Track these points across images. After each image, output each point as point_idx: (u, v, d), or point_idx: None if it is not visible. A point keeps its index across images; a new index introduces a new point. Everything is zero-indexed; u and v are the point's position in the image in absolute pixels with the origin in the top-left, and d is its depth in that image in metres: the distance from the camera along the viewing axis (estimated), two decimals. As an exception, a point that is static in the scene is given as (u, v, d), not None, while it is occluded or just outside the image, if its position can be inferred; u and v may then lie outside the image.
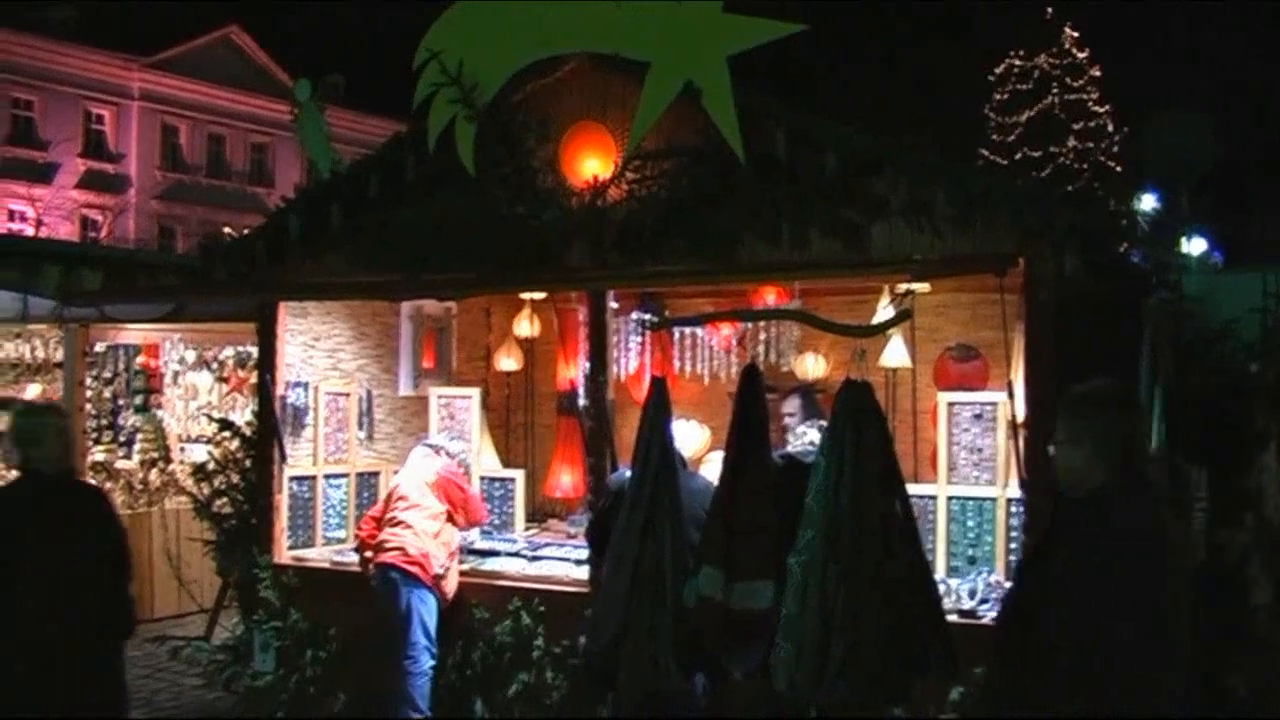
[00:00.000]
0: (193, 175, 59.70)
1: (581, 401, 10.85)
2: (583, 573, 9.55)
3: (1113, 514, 5.10)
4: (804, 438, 9.80)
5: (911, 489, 7.44)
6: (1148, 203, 12.59)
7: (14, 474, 7.47)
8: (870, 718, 7.21)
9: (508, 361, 12.69)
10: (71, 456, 7.79)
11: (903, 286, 10.19)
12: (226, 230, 35.92)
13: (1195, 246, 12.82)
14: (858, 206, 8.61)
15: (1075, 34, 49.92)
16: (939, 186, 8.42)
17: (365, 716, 10.19)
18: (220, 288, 11.34)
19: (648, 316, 11.56)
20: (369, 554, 10.09)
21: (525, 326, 12.39)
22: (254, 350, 12.49)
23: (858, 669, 6.98)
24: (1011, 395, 8.52)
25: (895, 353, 10.79)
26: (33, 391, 16.99)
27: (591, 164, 9.40)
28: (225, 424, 12.25)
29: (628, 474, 8.18)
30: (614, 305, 10.00)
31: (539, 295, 12.02)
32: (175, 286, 12.21)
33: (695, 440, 10.62)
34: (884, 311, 10.40)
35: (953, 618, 7.96)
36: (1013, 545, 9.37)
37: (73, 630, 7.07)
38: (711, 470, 10.30)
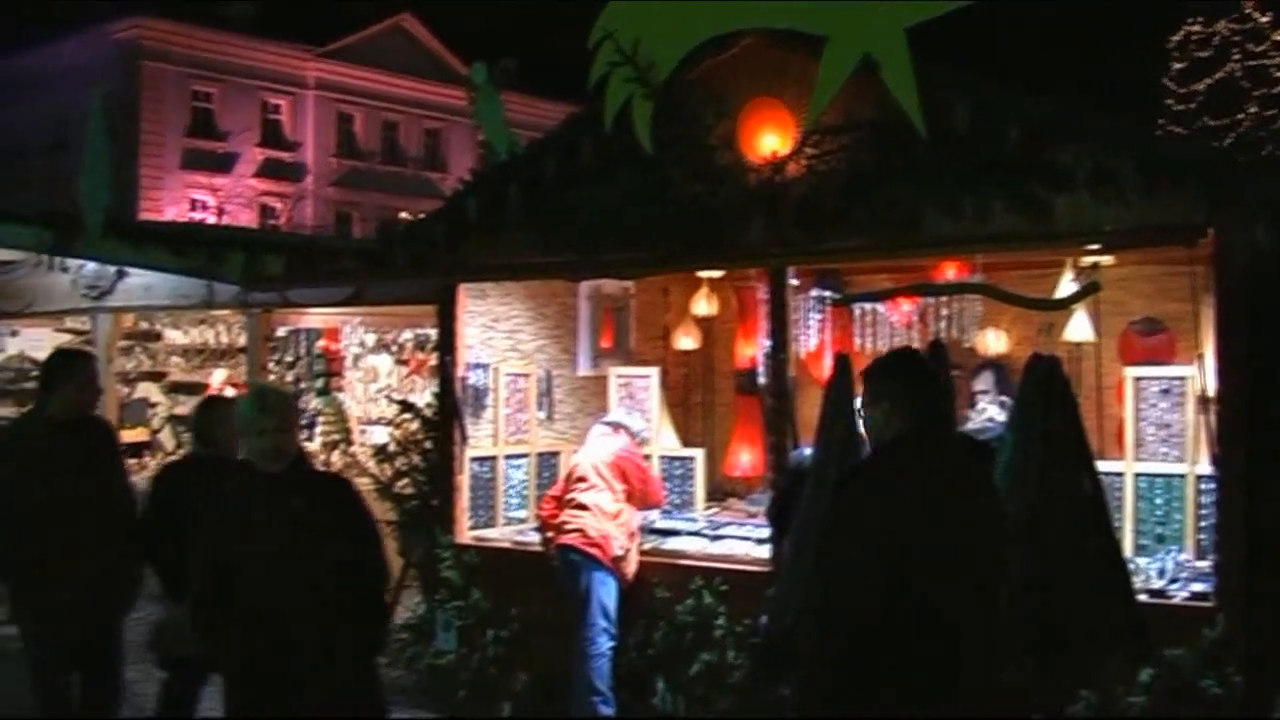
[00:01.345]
0: (368, 162, 60.39)
1: (761, 380, 10.79)
2: (764, 552, 9.49)
3: (893, 450, 5.71)
4: (983, 415, 9.69)
5: (1098, 466, 7.29)
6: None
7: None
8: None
9: (686, 340, 12.67)
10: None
11: (1088, 260, 10.00)
12: (402, 215, 36.35)
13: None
14: (1041, 178, 8.42)
15: (1255, -3, 48.72)
16: (1125, 156, 8.22)
17: (546, 697, 10.23)
18: (400, 271, 11.43)
19: (828, 293, 11.48)
20: (550, 534, 10.13)
21: (703, 305, 12.37)
22: (433, 333, 12.58)
23: (1046, 649, 6.88)
24: (1202, 369, 8.33)
25: (1079, 327, 10.61)
26: (218, 376, 17.33)
27: (769, 140, 9.32)
28: (406, 406, 12.36)
29: (808, 453, 8.12)
30: (794, 282, 9.93)
31: (717, 274, 11.99)
32: (356, 270, 12.31)
33: (876, 418, 10.50)
34: (1067, 285, 10.22)
35: (1142, 597, 7.80)
36: (1203, 523, 9.18)
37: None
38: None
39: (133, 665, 9.00)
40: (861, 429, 6.51)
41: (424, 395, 14.30)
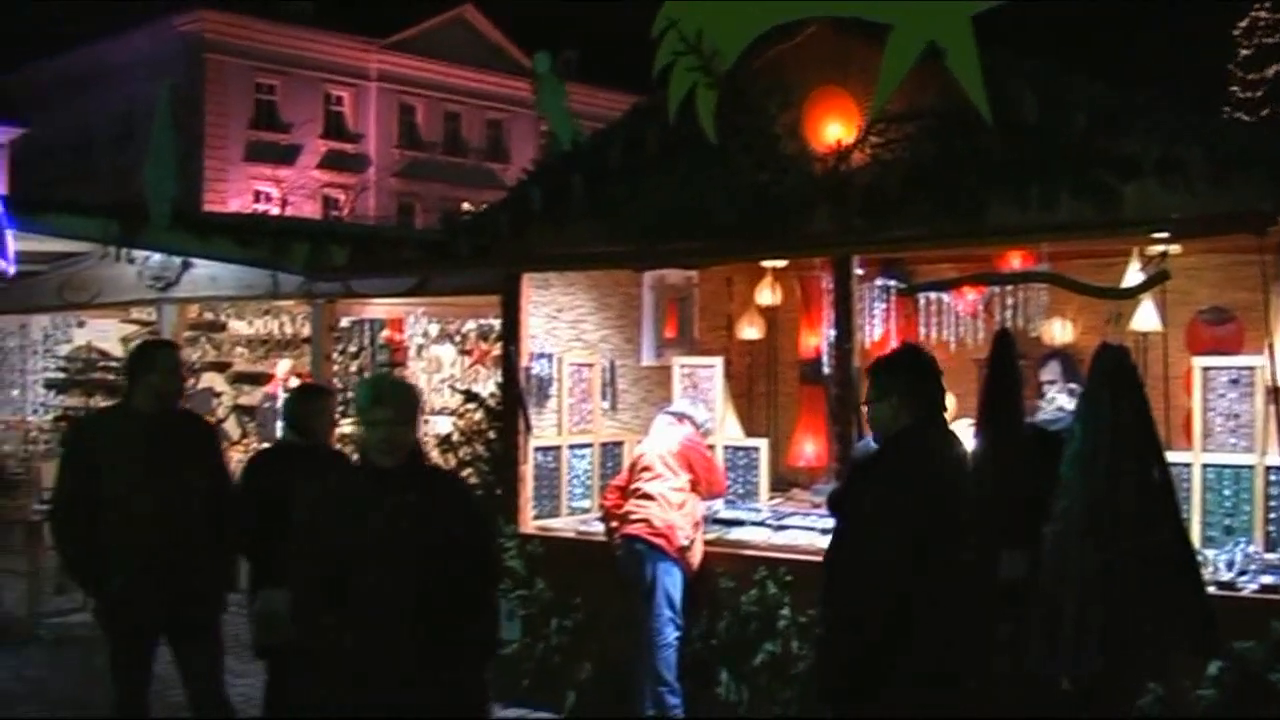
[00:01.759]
0: (430, 153, 60.58)
1: (826, 370, 10.77)
2: (828, 542, 9.46)
3: (906, 441, 6.29)
4: (1052, 404, 9.63)
5: (1167, 457, 7.24)
6: None
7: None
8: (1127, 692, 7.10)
9: (750, 330, 12.64)
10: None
11: (1155, 248, 9.93)
12: (464, 206, 36.44)
13: None
14: (1108, 166, 8.36)
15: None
16: (1193, 144, 8.16)
17: (610, 687, 10.24)
18: (464, 261, 11.46)
19: (893, 283, 11.43)
20: (614, 524, 10.13)
21: (767, 295, 12.34)
22: (496, 323, 12.61)
23: (1114, 641, 6.83)
24: (1271, 358, 8.25)
25: (1146, 316, 10.53)
26: (283, 366, 17.42)
27: (834, 129, 9.29)
28: (470, 396, 12.40)
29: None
30: (858, 271, 9.90)
31: (781, 263, 11.96)
32: (419, 261, 12.35)
33: (941, 408, 10.47)
34: (1134, 274, 10.15)
35: (1210, 590, 7.73)
36: (1272, 515, 9.10)
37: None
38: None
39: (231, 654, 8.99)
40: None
41: (487, 385, 14.33)
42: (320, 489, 6.33)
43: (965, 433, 8.04)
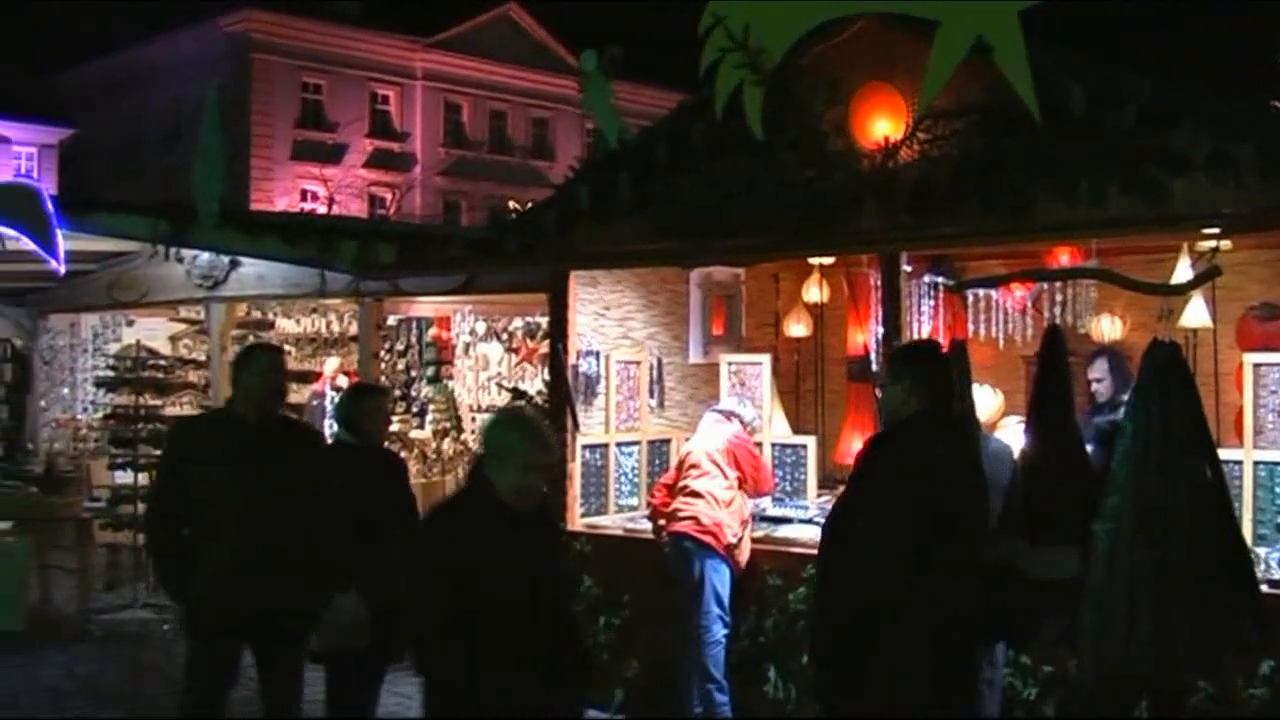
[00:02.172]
0: (475, 151, 60.71)
1: (874, 367, 10.75)
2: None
3: (913, 428, 6.53)
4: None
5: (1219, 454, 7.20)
6: None
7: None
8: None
9: (797, 328, 12.63)
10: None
11: (1205, 244, 9.87)
12: (511, 204, 36.49)
13: None
14: (1157, 161, 8.30)
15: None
16: (1243, 138, 8.10)
17: (658, 684, 10.25)
18: (511, 259, 11.46)
19: (940, 279, 11.40)
20: (662, 522, 10.14)
21: (814, 292, 12.33)
22: (543, 321, 12.63)
23: (1166, 640, 6.80)
24: (1324, 355, 8.21)
25: (1195, 313, 10.47)
26: (331, 364, 17.49)
27: (881, 125, 9.25)
28: (518, 393, 12.44)
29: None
30: (906, 268, 9.88)
31: (828, 260, 11.94)
32: (467, 259, 12.36)
33: (989, 405, 10.43)
34: (1183, 270, 10.09)
35: (1262, 588, 7.68)
36: (1325, 512, 9.05)
37: None
38: (1006, 436, 10.13)
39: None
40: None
41: (534, 383, 14.37)
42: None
43: (1015, 430, 8.03)
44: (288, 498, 7.56)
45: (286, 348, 18.78)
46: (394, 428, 16.22)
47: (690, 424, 11.49)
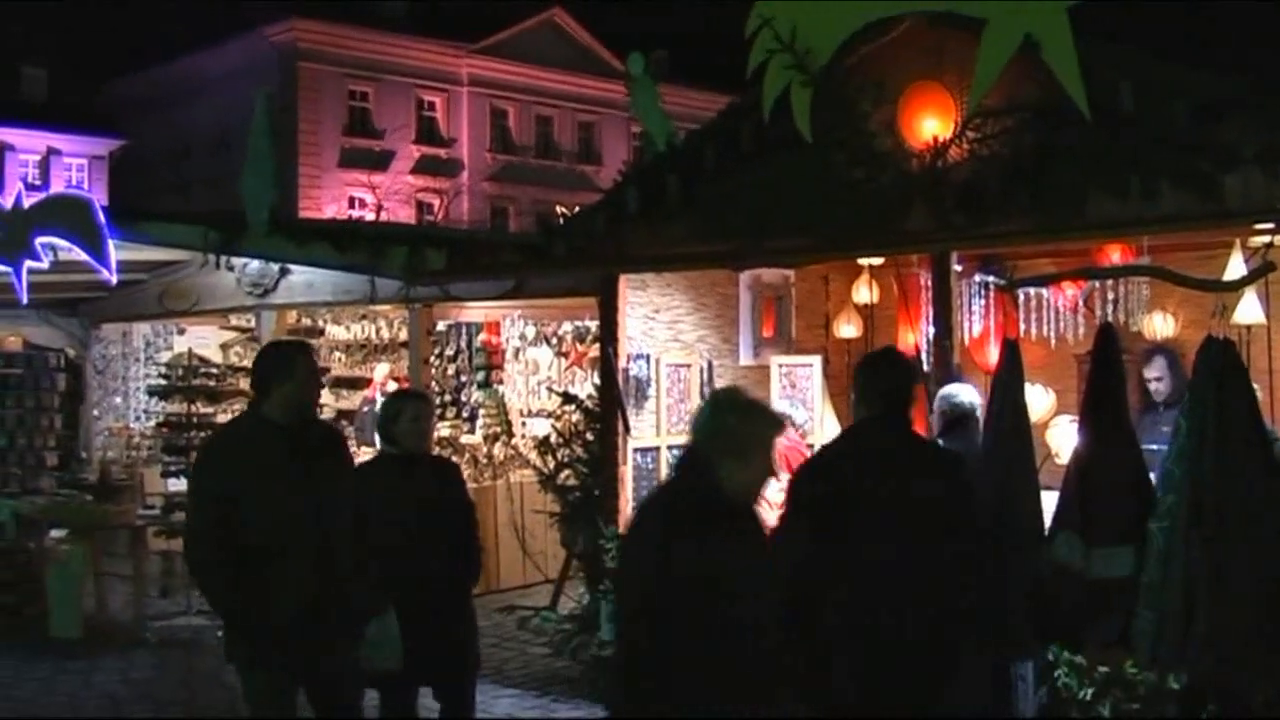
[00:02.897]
0: (522, 156, 60.87)
1: (925, 367, 10.70)
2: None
3: (845, 434, 6.88)
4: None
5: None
6: None
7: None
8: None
9: (847, 329, 12.60)
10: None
11: (1258, 239, 9.79)
12: (559, 209, 36.56)
13: None
14: (1209, 156, 8.23)
15: None
16: (1298, 131, 8.05)
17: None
18: (560, 263, 11.48)
19: (991, 279, 11.36)
20: (715, 524, 10.10)
21: (864, 293, 12.30)
22: (592, 325, 12.64)
23: (1223, 640, 6.76)
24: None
25: (1249, 309, 10.39)
26: (381, 371, 17.56)
27: (930, 124, 9.21)
28: (568, 397, 12.42)
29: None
30: (956, 268, 9.84)
31: (877, 261, 11.91)
32: (517, 263, 12.39)
33: (1040, 405, 10.40)
34: (1236, 266, 10.02)
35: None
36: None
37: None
38: (1058, 435, 10.10)
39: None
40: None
41: (585, 387, 14.37)
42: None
43: (1068, 429, 7.98)
44: (337, 512, 7.09)
45: (337, 354, 18.89)
46: (444, 433, 16.28)
47: (741, 427, 11.46)
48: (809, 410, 11.11)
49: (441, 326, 17.49)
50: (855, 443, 6.62)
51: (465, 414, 18.79)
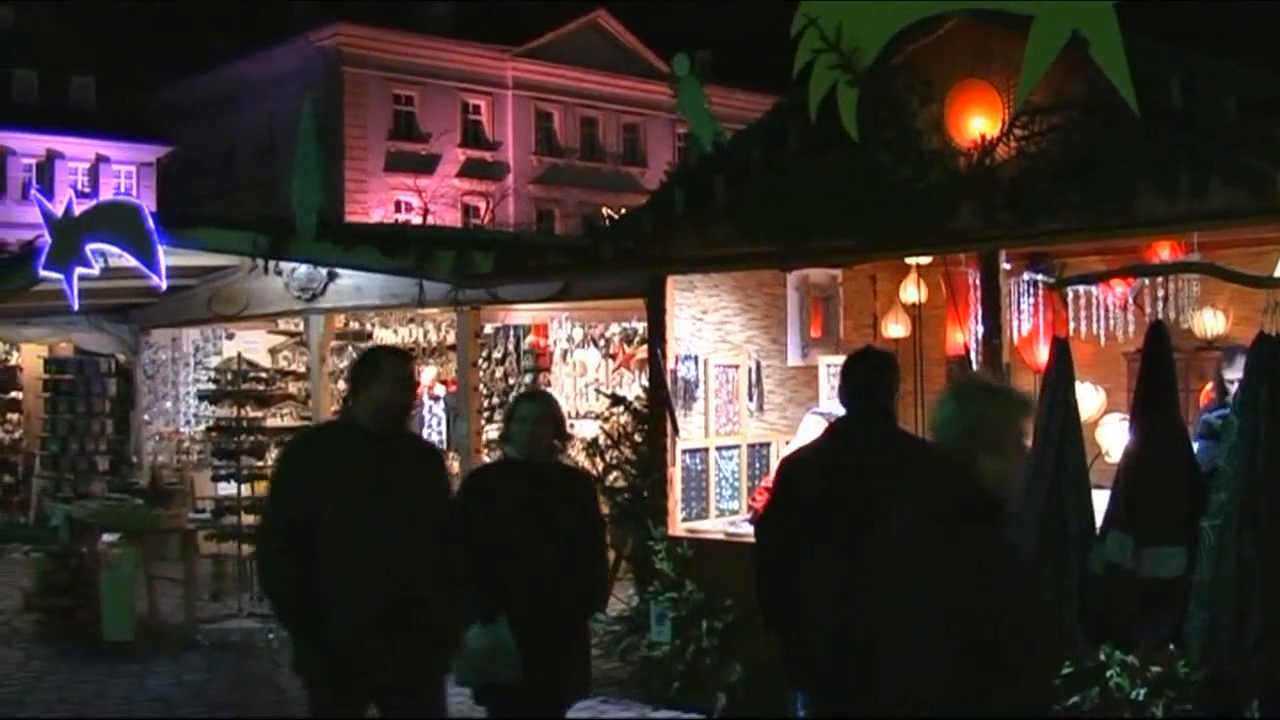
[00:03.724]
0: (567, 158, 61.05)
1: (975, 366, 10.68)
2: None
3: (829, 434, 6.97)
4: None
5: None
6: None
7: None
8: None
9: (895, 328, 12.57)
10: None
11: (1309, 235, 9.75)
12: (604, 211, 36.57)
13: None
14: (1259, 151, 8.18)
15: None
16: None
17: (761, 688, 10.21)
18: (608, 265, 11.48)
19: (1040, 277, 11.31)
20: (765, 525, 10.09)
21: (912, 292, 12.27)
22: (639, 326, 12.63)
23: (1276, 638, 6.72)
24: None
25: (1300, 305, 10.34)
26: (428, 374, 17.59)
27: (977, 123, 9.18)
28: (616, 399, 12.43)
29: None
30: (1005, 266, 9.80)
31: (925, 260, 11.87)
32: (564, 265, 12.40)
33: (1091, 403, 10.36)
34: (1289, 262, 9.97)
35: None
36: None
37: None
38: (1108, 433, 10.05)
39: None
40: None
41: (633, 388, 14.37)
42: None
43: (1118, 428, 7.94)
44: (423, 524, 6.73)
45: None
46: (493, 435, 16.27)
47: (790, 427, 11.47)
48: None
49: (489, 329, 17.48)
50: (830, 440, 6.86)
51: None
